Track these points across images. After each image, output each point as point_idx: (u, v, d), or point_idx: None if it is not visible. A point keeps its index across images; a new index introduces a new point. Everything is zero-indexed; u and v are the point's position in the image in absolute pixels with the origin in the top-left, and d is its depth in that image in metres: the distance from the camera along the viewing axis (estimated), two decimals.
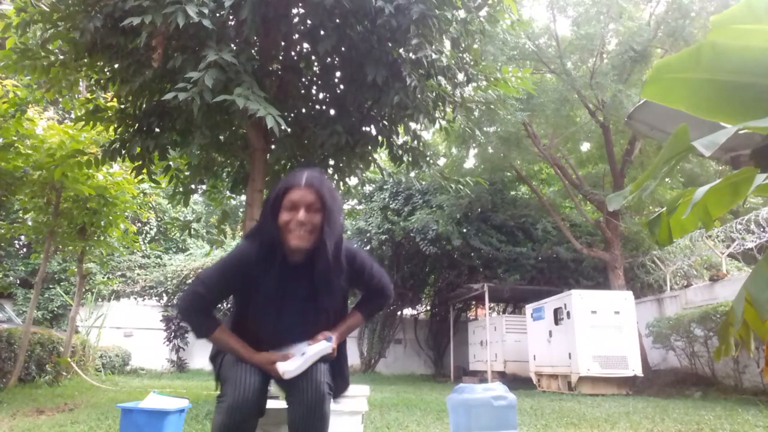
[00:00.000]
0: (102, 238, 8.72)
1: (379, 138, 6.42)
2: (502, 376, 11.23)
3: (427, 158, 7.01)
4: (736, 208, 9.74)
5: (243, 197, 8.36)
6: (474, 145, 13.17)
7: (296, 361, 1.73)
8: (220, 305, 1.98)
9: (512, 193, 15.81)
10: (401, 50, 5.46)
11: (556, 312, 9.70)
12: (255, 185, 5.67)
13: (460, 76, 6.08)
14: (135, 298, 15.50)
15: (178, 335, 14.26)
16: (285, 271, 1.79)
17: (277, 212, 1.74)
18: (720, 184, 1.46)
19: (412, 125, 6.57)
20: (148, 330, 14.33)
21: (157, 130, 5.73)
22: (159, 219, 17.40)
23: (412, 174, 7.82)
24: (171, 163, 6.85)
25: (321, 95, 6.48)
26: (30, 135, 7.02)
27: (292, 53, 6.14)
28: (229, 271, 1.80)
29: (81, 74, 5.84)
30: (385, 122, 6.43)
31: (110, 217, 8.37)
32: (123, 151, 5.72)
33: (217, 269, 1.81)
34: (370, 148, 6.48)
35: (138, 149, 5.58)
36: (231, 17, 5.13)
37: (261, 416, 1.73)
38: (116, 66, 5.49)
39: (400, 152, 6.73)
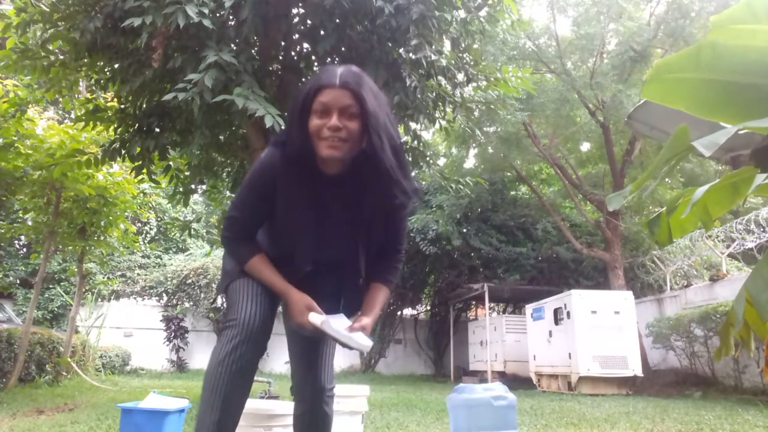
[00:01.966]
0: (102, 238, 8.72)
1: None
2: (502, 376, 11.23)
3: (427, 158, 7.01)
4: (736, 208, 9.75)
5: None
6: (474, 145, 13.19)
7: (333, 327, 1.53)
8: None
9: (512, 193, 15.82)
10: (401, 50, 5.46)
11: (556, 312, 9.70)
12: None
13: (460, 76, 6.08)
14: (135, 298, 15.49)
15: (178, 335, 14.27)
16: (320, 185, 1.57)
17: (306, 117, 1.49)
18: (720, 184, 1.47)
19: (412, 125, 6.57)
20: (148, 330, 14.33)
21: (157, 130, 5.73)
22: (159, 219, 17.39)
23: (412, 174, 7.82)
24: (171, 163, 6.85)
25: None
26: (30, 135, 7.02)
27: (292, 53, 6.15)
28: (256, 181, 1.57)
29: (81, 74, 5.84)
30: None
31: (110, 217, 8.37)
32: (123, 151, 5.73)
33: (244, 185, 1.62)
34: None
35: (138, 149, 5.58)
36: (231, 17, 5.14)
37: (266, 342, 1.59)
38: (116, 66, 5.50)
39: None
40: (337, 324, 1.54)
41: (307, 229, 1.60)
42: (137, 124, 5.75)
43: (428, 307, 17.06)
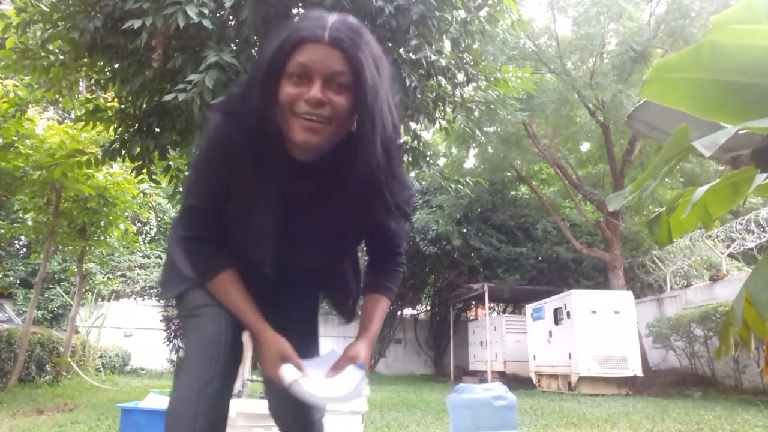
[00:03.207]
0: (102, 238, 8.72)
1: None
2: (502, 376, 11.23)
3: (427, 158, 7.01)
4: (736, 208, 9.75)
5: None
6: (474, 145, 13.19)
7: (312, 385, 1.15)
8: None
9: (512, 193, 15.84)
10: (401, 50, 5.46)
11: (556, 312, 9.70)
12: None
13: (460, 76, 6.08)
14: (135, 298, 15.51)
15: (178, 335, 14.26)
16: (287, 174, 1.18)
17: (276, 81, 1.06)
18: (720, 184, 1.47)
19: (412, 125, 6.58)
20: (148, 330, 14.34)
21: (157, 130, 5.73)
22: (159, 219, 17.40)
23: (412, 174, 7.82)
24: (171, 163, 6.85)
25: None
26: (30, 135, 7.03)
27: None
28: (212, 156, 1.15)
29: (81, 74, 5.84)
30: None
31: (110, 217, 8.38)
32: (123, 151, 5.73)
33: (197, 164, 1.20)
34: None
35: (138, 149, 5.58)
36: (231, 17, 5.13)
37: (235, 378, 1.25)
38: (116, 66, 5.49)
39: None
40: (317, 373, 1.20)
41: (267, 231, 1.23)
42: (137, 124, 5.74)
43: (428, 307, 17.06)
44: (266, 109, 1.08)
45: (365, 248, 1.41)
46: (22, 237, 12.40)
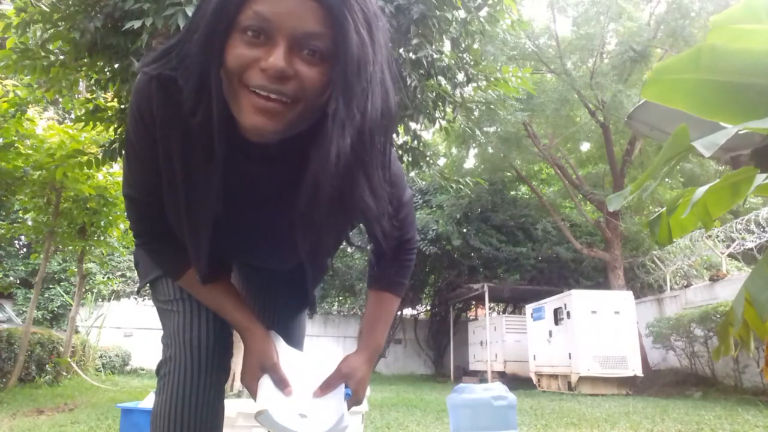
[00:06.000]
0: (102, 238, 8.73)
1: None
2: (502, 376, 11.23)
3: (427, 158, 7.01)
4: (736, 208, 9.75)
5: None
6: (474, 145, 13.21)
7: (284, 413, 0.96)
8: None
9: (512, 193, 15.86)
10: (401, 50, 5.46)
11: (556, 312, 9.71)
12: None
13: (460, 76, 6.08)
14: (135, 298, 15.50)
15: None
16: (235, 157, 0.90)
17: (223, 37, 0.77)
18: (720, 184, 1.47)
19: (412, 125, 6.58)
20: (148, 330, 14.31)
21: None
22: None
23: (412, 174, 7.82)
24: None
25: None
26: (30, 135, 7.03)
27: None
28: (136, 136, 0.93)
29: (81, 74, 5.84)
30: None
31: (110, 217, 8.38)
32: (123, 151, 5.73)
33: (126, 144, 0.98)
34: None
35: None
36: None
37: (226, 378, 1.07)
38: (116, 66, 5.50)
39: (400, 152, 6.73)
40: (304, 386, 1.01)
41: (205, 228, 0.95)
42: None
43: (428, 307, 17.07)
44: (205, 75, 0.79)
45: (366, 235, 1.09)
46: (22, 237, 12.41)
